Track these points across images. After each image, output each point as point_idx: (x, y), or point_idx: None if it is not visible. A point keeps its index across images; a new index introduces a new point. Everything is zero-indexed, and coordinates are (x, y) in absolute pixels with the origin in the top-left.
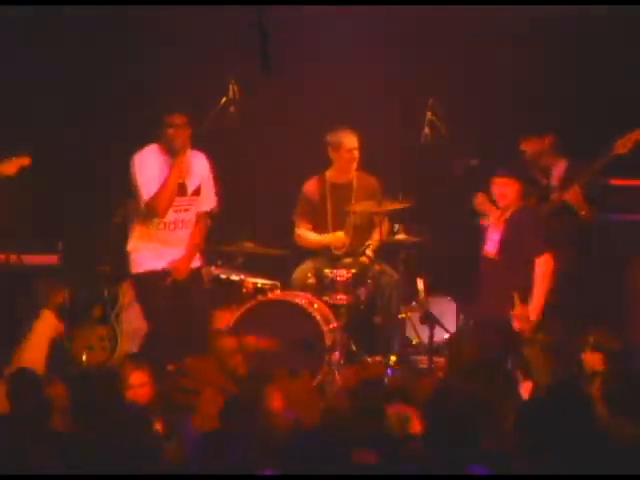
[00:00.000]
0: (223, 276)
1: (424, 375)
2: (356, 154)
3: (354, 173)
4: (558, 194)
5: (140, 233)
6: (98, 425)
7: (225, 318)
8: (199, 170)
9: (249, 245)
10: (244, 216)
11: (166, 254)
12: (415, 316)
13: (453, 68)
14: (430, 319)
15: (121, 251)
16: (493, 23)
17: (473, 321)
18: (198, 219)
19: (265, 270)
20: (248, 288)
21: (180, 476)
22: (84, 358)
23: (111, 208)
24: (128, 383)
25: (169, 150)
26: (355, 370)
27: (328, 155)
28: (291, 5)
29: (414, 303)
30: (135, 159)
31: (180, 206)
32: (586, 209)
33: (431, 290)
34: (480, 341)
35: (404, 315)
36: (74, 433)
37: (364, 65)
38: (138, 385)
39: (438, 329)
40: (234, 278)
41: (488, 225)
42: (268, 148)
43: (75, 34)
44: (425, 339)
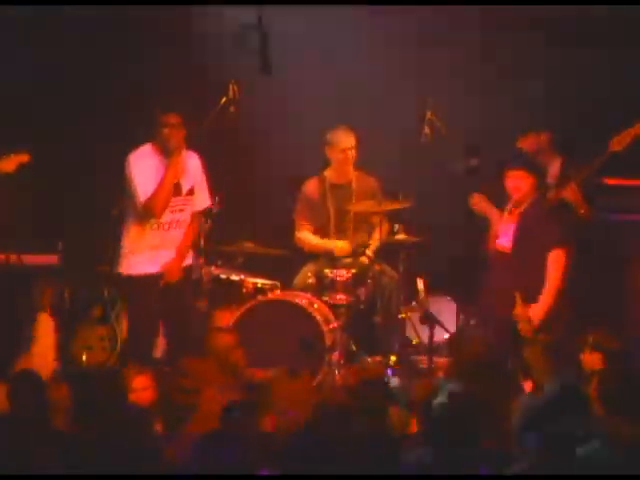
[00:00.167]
0: (223, 276)
1: (424, 375)
2: (350, 155)
3: (353, 173)
4: (555, 192)
5: (136, 233)
6: (100, 426)
7: (225, 318)
8: (192, 170)
9: (249, 245)
10: (244, 216)
11: (159, 258)
12: (415, 316)
13: (453, 68)
14: (430, 319)
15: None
16: (493, 23)
17: (477, 319)
18: (192, 219)
19: (265, 270)
20: (248, 288)
21: (180, 476)
22: (84, 358)
23: (111, 208)
24: (131, 386)
25: (164, 150)
26: (355, 370)
27: (326, 154)
28: (291, 5)
29: (414, 303)
30: (130, 159)
31: (175, 206)
32: (585, 207)
33: (431, 290)
34: (484, 340)
35: (404, 315)
36: (75, 433)
37: (364, 65)
38: (141, 389)
39: (438, 329)
40: (234, 278)
41: (500, 219)
42: (268, 148)
43: (75, 34)
44: (425, 339)
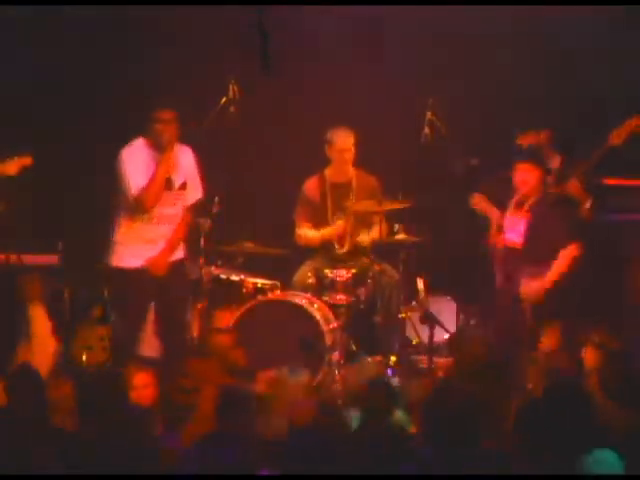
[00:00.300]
0: (223, 276)
1: (424, 375)
2: (348, 156)
3: (353, 172)
4: (558, 187)
5: (126, 227)
6: (102, 425)
7: (225, 318)
8: (185, 165)
9: (249, 245)
10: (244, 216)
11: (148, 251)
12: (415, 316)
13: (453, 68)
14: (430, 319)
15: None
16: (493, 23)
17: (478, 318)
18: (184, 214)
19: (265, 270)
20: (248, 288)
21: (180, 476)
22: (84, 358)
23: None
24: (132, 384)
25: (156, 145)
26: (355, 370)
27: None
28: (291, 5)
29: (414, 303)
30: (123, 153)
31: (167, 201)
32: (588, 201)
33: (431, 290)
34: (484, 340)
35: (404, 315)
36: (75, 433)
37: (364, 65)
38: (142, 386)
39: (438, 329)
40: (234, 278)
41: (503, 214)
42: (268, 148)
43: (75, 34)
44: (425, 339)
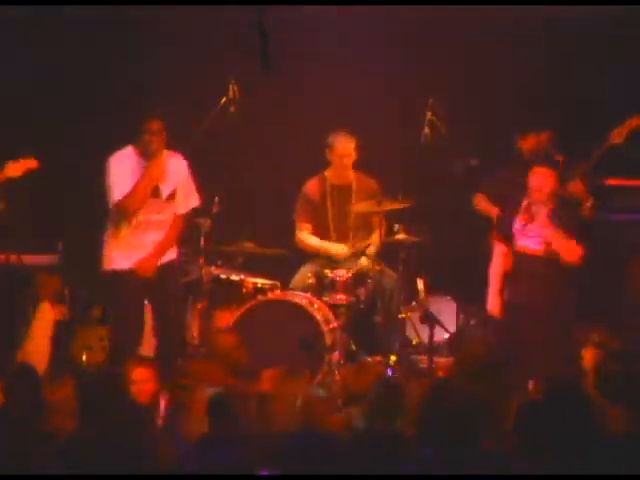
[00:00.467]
0: (223, 276)
1: (424, 375)
2: (348, 161)
3: (353, 175)
4: (561, 188)
5: (113, 233)
6: (102, 425)
7: (225, 318)
8: (175, 173)
9: (249, 245)
10: (244, 216)
11: (135, 256)
12: (415, 316)
13: (453, 68)
14: (430, 319)
15: None
16: (493, 23)
17: (482, 319)
18: (174, 221)
19: (265, 270)
20: (248, 288)
21: (180, 476)
22: (84, 358)
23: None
24: (132, 379)
25: (145, 153)
26: (355, 370)
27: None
28: (291, 5)
29: (414, 303)
30: (110, 161)
31: (153, 208)
32: (591, 200)
33: (431, 290)
34: (484, 340)
35: (404, 315)
36: (75, 433)
37: (364, 65)
38: (141, 380)
39: (438, 329)
40: (234, 278)
41: (519, 219)
42: (268, 148)
43: (75, 34)
44: (425, 339)
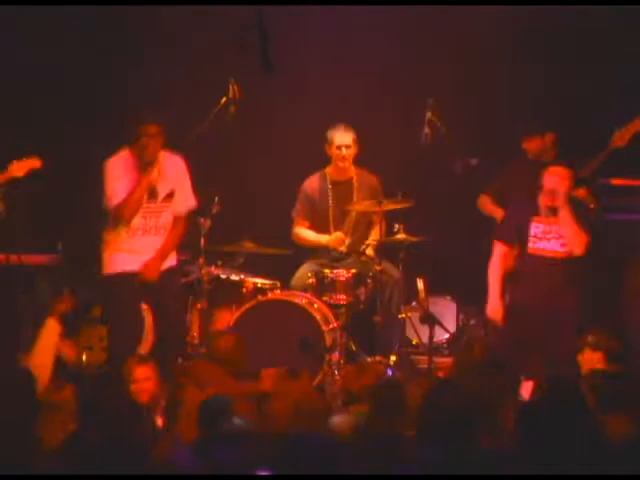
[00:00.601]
0: (223, 276)
1: (424, 375)
2: (346, 152)
3: (353, 171)
4: None
5: (109, 238)
6: (102, 425)
7: (225, 318)
8: (173, 173)
9: (249, 245)
10: (244, 216)
11: (136, 261)
12: (415, 316)
13: (453, 68)
14: (430, 319)
15: None
16: (493, 23)
17: (482, 319)
18: (174, 223)
19: (265, 270)
20: (248, 288)
21: (180, 476)
22: (84, 358)
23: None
24: (132, 378)
25: (140, 157)
26: (355, 370)
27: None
28: (291, 5)
29: (414, 303)
30: (107, 164)
31: (151, 212)
32: (594, 202)
33: (431, 290)
34: (484, 340)
35: (404, 315)
36: (74, 433)
37: (364, 65)
38: (143, 379)
39: (438, 329)
40: (234, 278)
41: (536, 220)
42: (268, 148)
43: (75, 34)
44: (425, 339)
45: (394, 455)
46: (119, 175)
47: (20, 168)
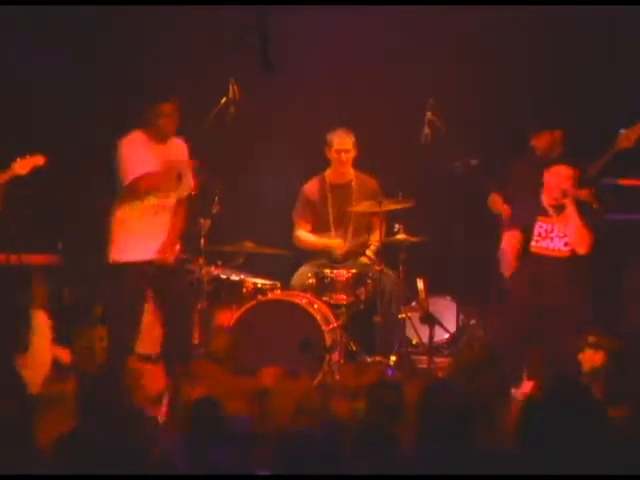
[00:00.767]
0: (223, 276)
1: (424, 375)
2: (345, 156)
3: (353, 173)
4: None
5: (122, 217)
6: (102, 425)
7: (225, 318)
8: (180, 156)
9: (249, 245)
10: (244, 216)
11: (148, 244)
12: (415, 316)
13: (453, 68)
14: (430, 319)
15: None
16: (493, 23)
17: (482, 319)
18: (178, 205)
19: (265, 270)
20: (248, 288)
21: (180, 476)
22: (83, 360)
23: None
24: (134, 376)
25: (155, 136)
26: (355, 370)
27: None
28: (291, 5)
29: (414, 303)
30: (121, 143)
31: (162, 191)
32: (597, 202)
33: (431, 290)
34: (483, 340)
35: (404, 315)
36: (74, 433)
37: (364, 65)
38: (149, 376)
39: (438, 329)
40: (234, 278)
41: (541, 219)
42: (268, 148)
43: (75, 34)
44: (425, 339)
45: (393, 455)
46: (135, 150)
47: (24, 166)
